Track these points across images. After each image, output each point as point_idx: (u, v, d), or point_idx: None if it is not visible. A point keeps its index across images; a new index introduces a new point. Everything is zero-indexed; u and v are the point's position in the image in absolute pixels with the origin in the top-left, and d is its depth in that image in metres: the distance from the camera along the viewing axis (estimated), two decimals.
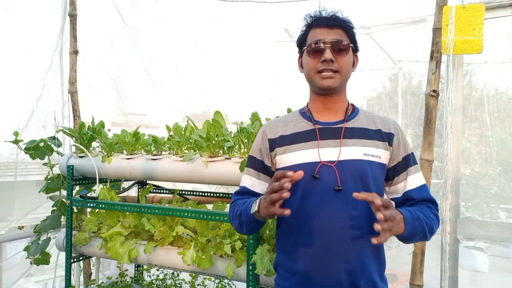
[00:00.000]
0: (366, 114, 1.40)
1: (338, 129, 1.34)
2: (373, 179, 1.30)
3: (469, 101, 5.22)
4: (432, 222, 1.28)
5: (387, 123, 1.37)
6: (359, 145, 1.31)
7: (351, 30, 1.35)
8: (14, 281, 3.65)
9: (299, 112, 1.44)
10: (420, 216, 1.25)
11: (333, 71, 1.31)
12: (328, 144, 1.32)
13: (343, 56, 1.32)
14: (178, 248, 2.05)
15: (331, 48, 1.31)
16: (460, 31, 2.09)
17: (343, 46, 1.31)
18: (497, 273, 5.72)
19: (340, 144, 1.32)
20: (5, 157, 3.35)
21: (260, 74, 7.40)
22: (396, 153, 1.35)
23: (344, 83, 1.36)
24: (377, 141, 1.33)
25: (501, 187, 5.58)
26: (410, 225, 1.19)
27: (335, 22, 1.33)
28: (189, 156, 1.94)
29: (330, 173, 1.29)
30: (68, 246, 2.33)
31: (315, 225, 1.28)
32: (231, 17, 5.00)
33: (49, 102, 3.44)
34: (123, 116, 4.52)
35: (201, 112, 7.25)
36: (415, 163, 1.37)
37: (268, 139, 1.40)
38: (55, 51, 3.33)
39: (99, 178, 2.34)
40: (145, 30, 4.57)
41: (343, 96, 1.38)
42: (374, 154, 1.31)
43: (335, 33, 1.32)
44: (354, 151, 1.30)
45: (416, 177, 1.36)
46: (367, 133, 1.34)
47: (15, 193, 3.60)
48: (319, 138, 1.34)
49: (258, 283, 1.73)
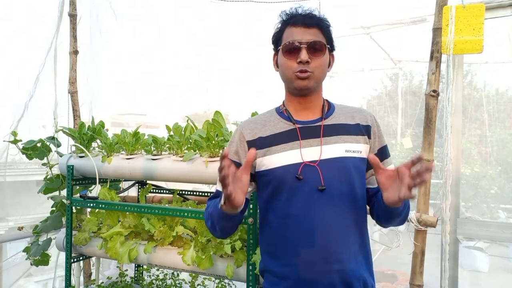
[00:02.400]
0: (343, 109, 1.39)
1: (318, 127, 1.32)
2: (357, 175, 1.29)
3: (469, 101, 5.22)
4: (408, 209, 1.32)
5: (364, 115, 1.37)
6: (340, 141, 1.30)
7: (328, 29, 1.32)
8: (14, 281, 3.65)
9: (276, 112, 1.40)
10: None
11: (309, 71, 1.28)
12: (310, 144, 1.30)
13: (319, 57, 1.29)
14: (178, 248, 2.05)
15: (307, 48, 1.27)
16: (460, 31, 2.09)
17: (319, 47, 1.28)
18: (497, 273, 5.72)
19: (321, 142, 1.29)
20: (4, 157, 3.35)
21: (260, 74, 7.41)
22: (372, 145, 1.35)
23: (319, 83, 1.34)
24: (357, 136, 1.32)
25: (501, 187, 5.58)
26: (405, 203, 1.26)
27: (311, 21, 1.30)
28: (189, 156, 1.94)
29: (313, 173, 1.26)
30: (68, 246, 2.33)
31: (303, 227, 1.25)
32: (231, 17, 5.01)
33: (41, 103, 3.44)
34: (123, 116, 4.53)
35: (201, 112, 7.25)
36: (389, 155, 1.39)
37: (246, 141, 1.36)
38: (49, 51, 3.32)
39: (99, 178, 2.34)
40: (142, 29, 4.57)
41: (319, 94, 1.37)
42: (355, 149, 1.30)
43: (311, 32, 1.29)
44: (335, 149, 1.28)
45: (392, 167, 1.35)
46: (347, 129, 1.33)
47: (15, 192, 3.60)
48: (300, 138, 1.31)
49: (258, 283, 1.73)
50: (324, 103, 1.38)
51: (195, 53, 5.91)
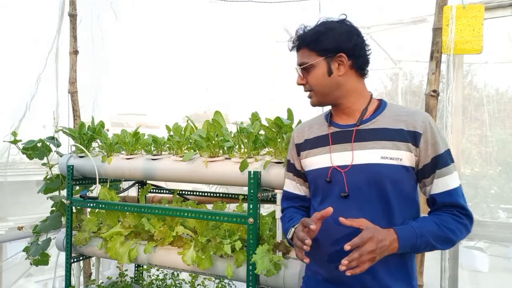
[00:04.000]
0: (394, 111, 1.32)
1: (351, 132, 1.33)
2: (392, 183, 1.25)
3: (469, 101, 5.22)
4: (448, 233, 1.21)
5: (414, 120, 1.27)
6: (378, 147, 1.27)
7: (315, 42, 1.32)
8: (14, 281, 3.65)
9: (324, 115, 1.46)
10: (427, 230, 1.21)
11: (309, 90, 1.36)
12: (342, 148, 1.33)
13: (310, 75, 1.34)
14: (178, 248, 2.05)
15: (301, 71, 1.36)
16: (460, 31, 2.09)
17: (307, 66, 1.34)
18: (497, 273, 5.71)
19: (352, 148, 1.31)
20: (4, 157, 3.34)
21: (260, 74, 7.40)
22: (423, 154, 1.26)
23: (326, 96, 1.35)
24: (398, 142, 1.26)
25: (501, 187, 5.58)
26: (408, 243, 1.19)
27: (298, 44, 1.36)
28: (189, 156, 1.94)
29: (340, 178, 1.31)
30: (68, 246, 2.33)
31: (326, 230, 1.29)
32: (231, 17, 5.00)
33: (42, 103, 3.44)
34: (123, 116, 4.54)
35: (201, 112, 7.25)
36: (446, 164, 1.25)
37: (295, 144, 1.47)
38: (50, 51, 3.32)
39: (99, 178, 2.34)
40: (142, 29, 4.57)
41: (352, 99, 1.35)
42: (394, 156, 1.25)
43: (301, 55, 1.36)
44: (370, 155, 1.27)
45: (444, 180, 1.25)
46: (387, 133, 1.28)
47: (15, 192, 3.60)
48: (331, 143, 1.36)
49: (258, 283, 1.73)
50: (367, 107, 1.34)
51: (195, 53, 5.92)
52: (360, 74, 1.35)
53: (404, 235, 1.20)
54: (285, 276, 1.69)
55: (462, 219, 1.24)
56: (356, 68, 1.33)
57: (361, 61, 1.33)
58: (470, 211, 1.27)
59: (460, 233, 1.24)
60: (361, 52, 1.33)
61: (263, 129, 1.76)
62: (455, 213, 1.25)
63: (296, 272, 1.68)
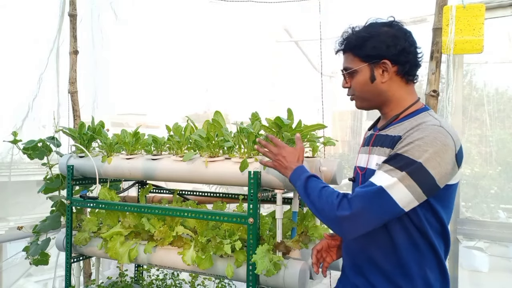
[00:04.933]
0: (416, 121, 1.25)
1: (373, 136, 1.40)
2: None
3: (469, 101, 5.21)
4: (319, 202, 1.27)
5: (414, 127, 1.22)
6: (378, 154, 1.31)
7: (359, 47, 1.31)
8: (14, 281, 3.65)
9: None
10: (312, 184, 1.32)
11: (351, 95, 1.40)
12: (364, 151, 1.42)
13: (353, 79, 1.36)
14: (178, 248, 2.05)
15: (345, 75, 1.39)
16: (460, 31, 2.09)
17: (349, 71, 1.35)
18: (497, 273, 5.71)
19: (369, 151, 1.37)
20: (3, 157, 3.35)
21: (260, 74, 7.40)
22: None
23: (368, 100, 1.37)
24: (389, 149, 1.26)
25: (501, 187, 5.58)
26: (294, 178, 1.40)
27: (342, 48, 1.38)
28: (189, 156, 1.94)
29: (358, 179, 1.41)
30: (68, 246, 2.33)
31: None
32: (231, 17, 5.00)
33: (44, 102, 3.44)
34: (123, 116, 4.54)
35: (201, 112, 7.24)
36: (393, 164, 1.18)
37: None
38: (51, 51, 3.32)
39: (99, 178, 2.34)
40: (142, 29, 4.57)
41: (391, 106, 1.34)
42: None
43: (345, 58, 1.38)
44: (372, 160, 1.34)
45: (377, 173, 1.22)
46: (387, 141, 1.29)
47: (13, 192, 3.60)
48: (361, 145, 1.48)
49: (258, 283, 1.73)
50: (400, 114, 1.31)
51: (195, 53, 5.89)
52: (407, 80, 1.32)
53: (297, 171, 1.40)
54: (285, 276, 1.69)
55: (337, 200, 1.22)
56: (401, 74, 1.31)
57: (408, 66, 1.30)
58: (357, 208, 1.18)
59: (326, 207, 1.24)
60: (408, 58, 1.29)
61: (263, 129, 1.76)
62: (346, 195, 1.24)
63: (296, 272, 1.68)
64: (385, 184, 1.16)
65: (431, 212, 1.23)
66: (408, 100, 1.33)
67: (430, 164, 1.14)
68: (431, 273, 1.25)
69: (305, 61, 6.75)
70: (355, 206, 1.18)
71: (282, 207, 1.78)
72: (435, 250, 1.25)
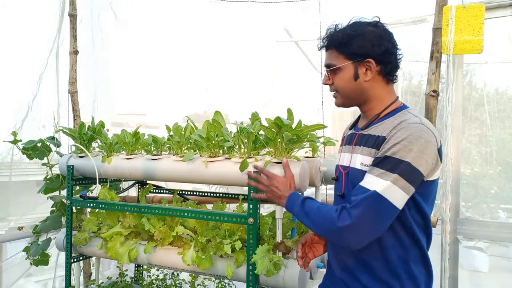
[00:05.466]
0: (397, 119, 1.27)
1: (355, 135, 1.40)
2: None
3: (469, 101, 5.21)
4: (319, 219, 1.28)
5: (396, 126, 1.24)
6: (362, 153, 1.32)
7: (345, 45, 1.31)
8: (14, 281, 3.65)
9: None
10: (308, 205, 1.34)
11: (335, 91, 1.39)
12: (347, 150, 1.42)
13: (336, 76, 1.35)
14: (178, 248, 2.05)
15: (327, 71, 1.37)
16: (460, 31, 2.09)
17: (332, 68, 1.35)
18: (497, 273, 5.71)
19: (351, 150, 1.38)
20: (4, 157, 3.35)
21: (260, 74, 7.39)
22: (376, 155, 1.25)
23: (349, 98, 1.37)
24: (374, 149, 1.27)
25: (501, 187, 5.58)
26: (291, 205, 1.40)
27: (327, 44, 1.37)
28: (189, 156, 1.94)
29: (341, 178, 1.42)
30: (68, 246, 2.33)
31: None
32: (231, 17, 5.00)
33: (44, 102, 3.44)
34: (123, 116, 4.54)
35: (201, 112, 7.24)
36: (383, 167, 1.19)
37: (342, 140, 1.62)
38: (51, 51, 3.32)
39: (99, 178, 2.34)
40: (142, 29, 4.56)
41: (371, 104, 1.36)
42: (368, 163, 1.27)
43: (329, 55, 1.37)
44: (356, 159, 1.34)
45: (366, 177, 1.23)
46: (371, 141, 1.30)
47: (15, 192, 3.60)
48: (343, 144, 1.48)
49: (258, 283, 1.73)
50: (381, 113, 1.33)
51: (195, 53, 5.88)
52: (387, 80, 1.35)
53: (292, 199, 1.41)
54: (285, 276, 1.69)
55: (336, 213, 1.23)
56: (383, 74, 1.33)
57: (389, 67, 1.32)
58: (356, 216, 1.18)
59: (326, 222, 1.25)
60: (391, 58, 1.32)
61: (263, 129, 1.76)
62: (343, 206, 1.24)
63: (296, 272, 1.68)
64: (379, 189, 1.18)
65: (415, 208, 1.27)
66: (388, 98, 1.36)
67: (417, 161, 1.17)
68: (415, 267, 1.29)
69: (305, 61, 6.75)
70: (355, 215, 1.19)
71: (282, 207, 1.78)
72: (419, 245, 1.29)
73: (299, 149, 1.76)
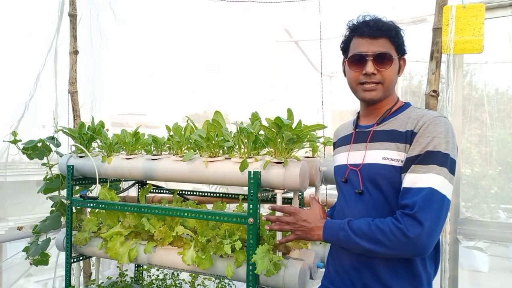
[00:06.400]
0: (409, 114, 1.29)
1: (368, 132, 1.37)
2: (390, 184, 1.25)
3: (469, 101, 5.21)
4: (377, 234, 1.17)
5: (419, 120, 1.23)
6: (382, 148, 1.29)
7: (397, 36, 1.31)
8: (14, 281, 3.65)
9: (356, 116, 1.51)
10: (355, 227, 1.21)
11: (375, 83, 1.30)
12: (358, 148, 1.38)
13: (386, 68, 1.29)
14: (178, 248, 2.05)
15: (373, 60, 1.28)
16: (460, 31, 2.09)
17: (387, 58, 1.28)
18: (497, 273, 5.71)
19: (366, 147, 1.34)
20: (4, 157, 3.34)
21: (260, 74, 7.40)
22: (411, 149, 1.21)
23: (388, 92, 1.34)
24: (400, 143, 1.24)
25: (501, 187, 5.58)
26: (332, 234, 1.28)
27: (378, 32, 1.29)
28: (189, 156, 1.94)
29: (355, 176, 1.35)
30: (68, 246, 2.33)
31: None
32: (231, 17, 5.01)
33: (42, 103, 3.43)
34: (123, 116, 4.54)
35: (201, 112, 7.24)
36: (427, 162, 1.16)
37: (333, 143, 1.62)
38: (49, 51, 3.32)
39: (99, 178, 2.34)
40: (142, 29, 4.57)
41: (388, 99, 1.37)
42: (394, 158, 1.24)
43: (378, 44, 1.28)
44: (375, 155, 1.30)
45: (411, 177, 1.18)
46: (393, 135, 1.28)
47: (15, 192, 3.60)
48: (352, 142, 1.41)
49: (258, 283, 1.73)
50: (392, 108, 1.35)
51: (195, 53, 5.90)
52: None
53: (330, 226, 1.29)
54: (285, 276, 1.69)
55: (399, 223, 1.15)
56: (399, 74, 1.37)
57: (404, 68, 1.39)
58: (426, 220, 1.11)
59: (393, 237, 1.14)
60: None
61: (263, 129, 1.75)
62: (397, 214, 1.17)
63: (296, 272, 1.68)
64: (436, 186, 1.14)
65: None
66: (395, 95, 1.40)
67: (453, 153, 1.19)
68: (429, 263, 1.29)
69: (305, 61, 6.75)
70: (424, 219, 1.12)
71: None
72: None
73: (299, 149, 1.76)
